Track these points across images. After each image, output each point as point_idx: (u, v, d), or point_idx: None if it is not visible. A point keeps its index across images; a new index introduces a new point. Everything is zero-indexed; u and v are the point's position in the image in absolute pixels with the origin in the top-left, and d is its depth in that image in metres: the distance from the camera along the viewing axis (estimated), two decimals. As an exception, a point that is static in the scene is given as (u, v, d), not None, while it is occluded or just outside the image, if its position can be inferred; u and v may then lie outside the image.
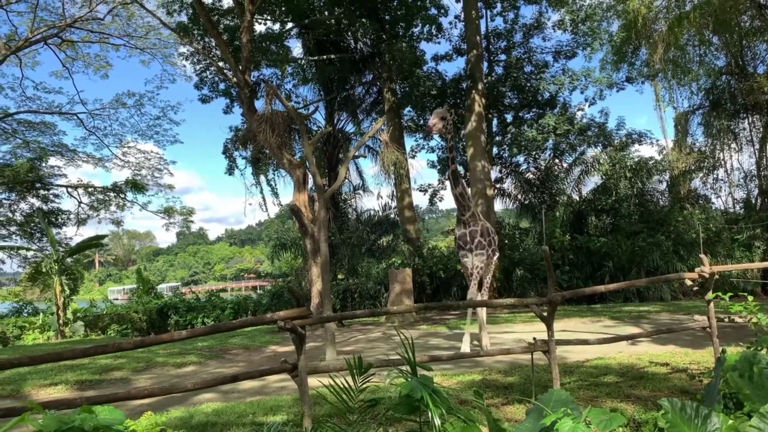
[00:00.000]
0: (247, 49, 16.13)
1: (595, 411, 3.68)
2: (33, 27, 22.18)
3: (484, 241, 10.42)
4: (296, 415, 6.31)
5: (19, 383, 9.26)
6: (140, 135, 28.04)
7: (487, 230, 10.56)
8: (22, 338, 20.37)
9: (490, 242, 10.64)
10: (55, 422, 2.55)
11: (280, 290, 21.34)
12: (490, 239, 10.62)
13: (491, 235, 10.69)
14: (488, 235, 10.57)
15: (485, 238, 10.45)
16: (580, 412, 3.66)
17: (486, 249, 10.49)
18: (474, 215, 10.50)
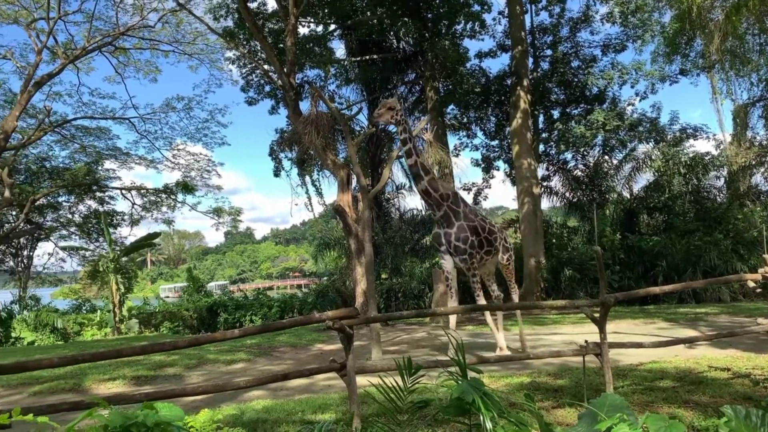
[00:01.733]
0: (292, 52, 16.35)
1: (653, 417, 3.55)
2: (89, 36, 23.08)
3: (462, 246, 9.26)
4: (344, 413, 6.34)
5: (80, 378, 9.64)
6: (189, 138, 28.83)
7: (474, 230, 9.42)
8: (81, 334, 21.28)
9: (480, 243, 9.50)
10: (121, 418, 2.64)
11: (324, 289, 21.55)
12: (477, 240, 9.43)
13: (482, 234, 9.56)
14: (474, 236, 9.38)
15: (465, 242, 9.27)
16: (636, 418, 3.54)
17: (469, 253, 9.32)
18: (447, 215, 9.38)
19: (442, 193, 9.40)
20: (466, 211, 9.62)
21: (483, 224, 9.75)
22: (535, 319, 15.25)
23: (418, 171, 9.21)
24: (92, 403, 3.58)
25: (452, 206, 9.43)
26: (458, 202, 9.54)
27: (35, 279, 32.64)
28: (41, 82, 21.66)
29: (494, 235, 9.88)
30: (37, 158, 28.57)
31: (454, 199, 9.51)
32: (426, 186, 9.26)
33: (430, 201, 9.43)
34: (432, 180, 9.39)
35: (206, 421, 3.24)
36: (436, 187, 9.36)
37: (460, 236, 9.32)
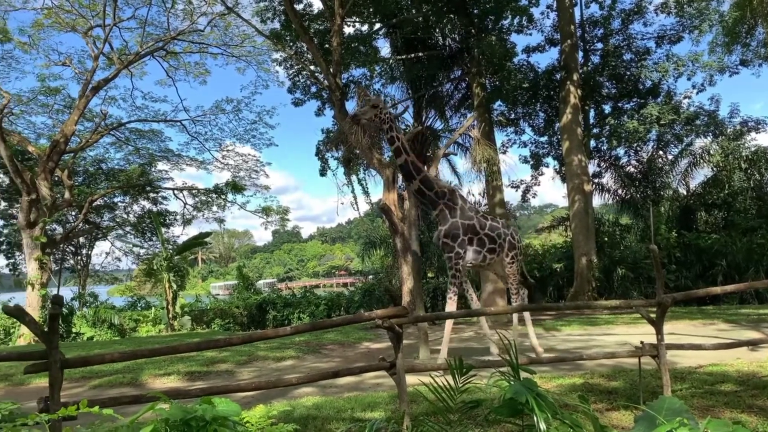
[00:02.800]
0: (338, 52, 16.45)
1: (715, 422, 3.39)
2: (142, 41, 23.87)
3: (451, 243, 9.05)
4: (393, 412, 6.34)
5: (137, 372, 9.97)
6: (238, 138, 29.44)
7: (470, 228, 9.13)
8: (137, 330, 22.03)
9: (480, 242, 9.20)
10: (181, 412, 2.70)
11: (371, 288, 21.62)
12: (476, 239, 9.14)
13: (481, 232, 9.25)
14: (468, 235, 9.09)
15: (455, 240, 9.02)
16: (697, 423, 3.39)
17: (456, 252, 9.04)
18: (443, 213, 9.15)
19: (438, 191, 9.17)
20: (465, 208, 9.33)
21: (482, 222, 9.44)
22: (587, 319, 14.90)
23: (409, 170, 8.99)
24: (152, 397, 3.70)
25: (449, 204, 9.19)
26: (455, 200, 9.29)
27: (93, 277, 34.03)
28: (98, 87, 22.53)
29: (496, 232, 9.54)
30: (94, 160, 29.78)
31: (451, 197, 9.27)
32: (418, 185, 9.05)
33: (424, 200, 9.25)
34: (425, 179, 9.12)
35: (261, 417, 3.28)
36: (430, 186, 9.12)
37: (450, 233, 9.09)
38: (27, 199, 19.95)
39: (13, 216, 29.15)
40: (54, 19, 22.85)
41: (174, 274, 22.51)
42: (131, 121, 27.24)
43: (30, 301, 19.87)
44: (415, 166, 9.03)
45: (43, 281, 20.36)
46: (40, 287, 20.04)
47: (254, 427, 3.26)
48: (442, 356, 9.64)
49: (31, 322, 3.94)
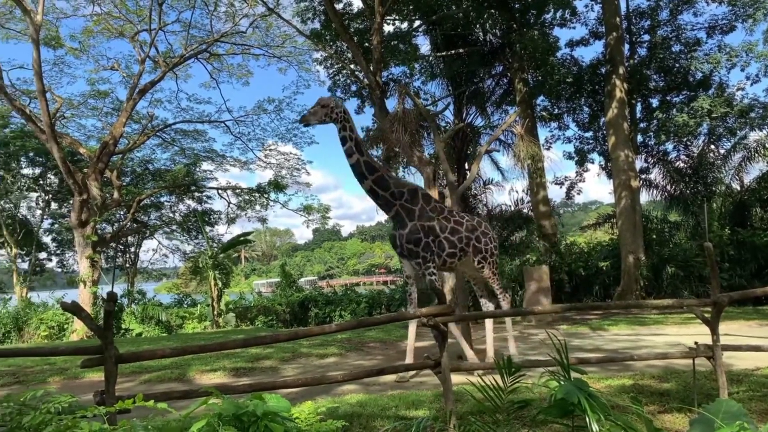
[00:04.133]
0: (378, 51, 16.46)
1: (776, 426, 3.22)
2: (186, 44, 24.44)
3: (414, 248, 8.65)
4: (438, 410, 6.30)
5: (184, 368, 10.18)
6: (280, 138, 29.84)
7: (430, 230, 8.72)
8: (183, 327, 22.57)
9: (440, 244, 8.77)
10: (233, 407, 2.73)
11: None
12: (435, 241, 8.71)
13: (442, 235, 8.82)
14: (429, 237, 8.67)
15: (417, 244, 8.62)
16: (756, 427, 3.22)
17: (422, 257, 8.63)
18: (399, 215, 8.76)
19: (394, 192, 8.76)
20: (425, 209, 8.86)
21: (443, 224, 8.95)
22: (635, 318, 14.50)
23: (361, 170, 8.65)
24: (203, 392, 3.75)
25: (406, 205, 8.76)
26: (415, 200, 8.84)
27: (141, 274, 35.04)
28: (144, 90, 23.18)
29: (458, 235, 9.02)
30: (141, 161, 30.68)
31: (409, 197, 8.82)
32: (371, 185, 8.71)
33: (378, 201, 8.90)
34: (380, 179, 8.72)
35: (310, 413, 3.30)
36: (385, 186, 8.74)
37: (411, 238, 8.67)
38: (78, 199, 20.67)
39: (65, 216, 30.30)
40: (103, 25, 23.63)
41: (219, 272, 22.98)
42: (177, 122, 27.94)
43: (82, 298, 20.59)
44: (368, 166, 8.70)
45: (94, 279, 21.08)
46: (91, 284, 20.75)
47: (303, 423, 3.27)
48: (490, 355, 9.56)
49: (87, 318, 4.06)
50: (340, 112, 8.71)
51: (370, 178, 8.67)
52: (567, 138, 25.29)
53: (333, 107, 8.69)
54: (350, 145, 8.69)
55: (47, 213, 31.32)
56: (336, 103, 8.78)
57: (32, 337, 20.67)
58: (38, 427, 2.85)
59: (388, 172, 9.09)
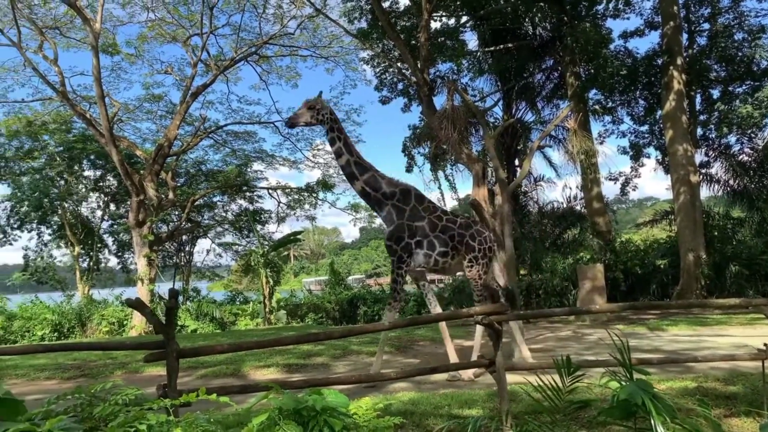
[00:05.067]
0: (425, 48, 16.38)
1: None
2: (236, 47, 24.96)
3: (394, 246, 8.54)
4: (491, 410, 6.23)
5: (238, 364, 10.39)
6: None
7: (418, 229, 8.54)
8: (236, 324, 23.09)
9: (430, 245, 8.55)
10: (293, 401, 2.75)
11: (460, 285, 21.35)
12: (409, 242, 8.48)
13: (431, 234, 8.59)
14: (415, 238, 8.50)
15: (398, 243, 8.48)
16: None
17: (398, 256, 8.47)
18: (390, 215, 8.63)
19: (385, 192, 8.70)
20: (417, 209, 8.74)
21: (434, 223, 8.73)
22: (696, 318, 13.94)
23: (351, 171, 8.63)
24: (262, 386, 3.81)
25: (397, 204, 8.69)
26: (407, 200, 8.74)
27: (196, 273, 36.02)
28: (197, 93, 23.80)
29: (449, 233, 8.75)
30: (194, 162, 31.54)
31: (401, 197, 8.75)
32: (362, 186, 8.67)
33: (370, 202, 8.86)
34: (371, 179, 8.68)
35: (368, 409, 3.29)
36: (376, 186, 8.69)
37: (394, 236, 8.56)
38: (136, 200, 21.41)
39: (123, 216, 31.46)
40: (157, 31, 24.41)
41: (270, 270, 23.40)
42: (228, 124, 28.57)
43: (139, 295, 21.28)
44: (358, 167, 8.69)
45: (151, 277, 21.80)
46: (148, 282, 21.48)
47: (360, 418, 3.26)
48: (526, 356, 9.36)
49: (150, 314, 4.17)
50: (327, 114, 8.68)
51: (361, 179, 8.66)
52: (621, 132, 24.51)
53: (319, 109, 8.63)
54: (339, 145, 8.68)
55: (107, 213, 32.61)
56: (322, 104, 8.73)
57: (94, 333, 21.54)
58: (107, 418, 2.94)
59: (379, 172, 9.00)
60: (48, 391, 8.84)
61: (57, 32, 23.07)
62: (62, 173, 29.35)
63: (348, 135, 9.03)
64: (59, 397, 3.36)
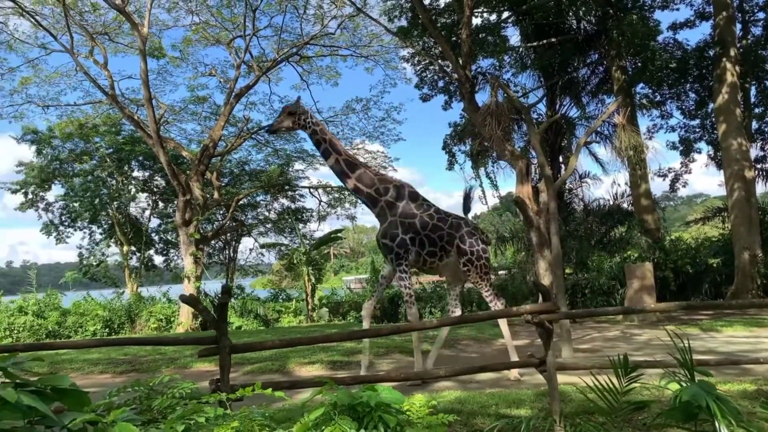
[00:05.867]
0: (467, 44, 16.20)
1: None
2: (278, 48, 25.25)
3: (390, 243, 8.45)
4: (540, 410, 6.14)
5: (284, 360, 10.51)
6: (367, 136, 30.16)
7: (410, 227, 8.44)
8: (279, 321, 23.41)
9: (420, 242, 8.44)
10: (348, 397, 2.74)
11: (504, 283, 21.09)
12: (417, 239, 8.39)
13: (422, 232, 8.48)
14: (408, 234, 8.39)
15: (393, 240, 8.41)
16: None
17: (396, 253, 8.38)
18: (383, 212, 8.58)
19: (378, 188, 8.65)
20: (410, 205, 8.65)
21: (425, 221, 8.59)
22: (752, 319, 13.40)
23: (342, 169, 8.61)
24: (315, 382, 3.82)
25: (390, 201, 8.61)
26: (400, 196, 8.68)
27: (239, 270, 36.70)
28: (240, 95, 24.20)
29: (438, 233, 8.59)
30: (238, 162, 32.10)
31: (394, 193, 8.68)
32: (354, 184, 8.63)
33: (362, 198, 8.80)
34: (363, 175, 8.66)
35: (422, 406, 3.26)
36: (369, 183, 8.64)
37: (388, 233, 8.47)
38: (182, 200, 21.93)
39: (170, 215, 32.29)
40: (201, 34, 24.91)
41: (312, 268, 23.63)
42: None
43: (186, 292, 21.83)
44: (348, 164, 8.69)
45: (197, 274, 22.28)
46: (194, 280, 21.97)
47: (414, 415, 3.23)
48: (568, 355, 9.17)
49: (204, 310, 4.24)
50: (308, 118, 8.71)
51: (353, 176, 8.63)
52: (670, 127, 23.81)
53: (300, 114, 8.66)
54: (325, 146, 8.71)
55: (155, 213, 33.56)
56: (303, 109, 8.78)
57: (142, 329, 22.16)
58: (165, 411, 2.99)
59: (371, 169, 9.07)
60: (102, 384, 9.15)
61: (106, 37, 23.80)
62: (112, 174, 30.35)
63: (333, 134, 9.16)
64: (119, 390, 3.45)
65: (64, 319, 21.06)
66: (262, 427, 2.73)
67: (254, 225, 33.91)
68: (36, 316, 20.46)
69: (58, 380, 2.42)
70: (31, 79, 24.18)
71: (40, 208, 31.01)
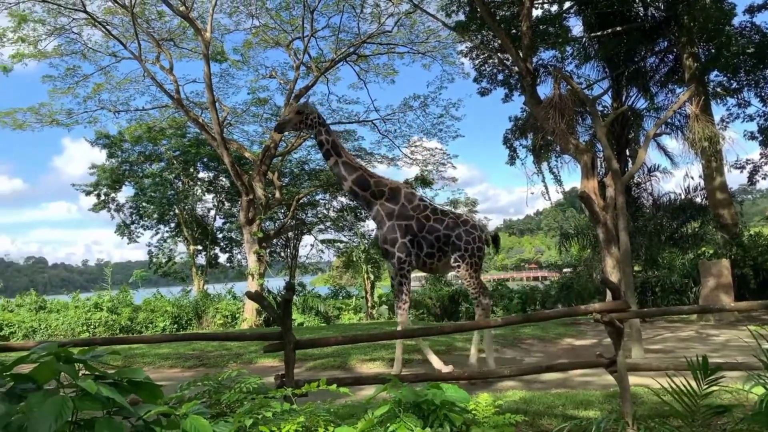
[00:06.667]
0: (527, 36, 15.84)
1: None
2: (336, 48, 25.51)
3: (390, 249, 8.48)
4: (610, 411, 5.90)
5: (345, 357, 10.58)
6: (425, 133, 30.03)
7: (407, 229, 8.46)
8: (339, 318, 23.67)
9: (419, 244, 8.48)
10: (413, 394, 2.70)
11: (569, 281, 20.51)
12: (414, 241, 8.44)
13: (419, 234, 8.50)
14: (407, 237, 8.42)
15: (393, 244, 8.42)
16: None
17: (397, 257, 8.42)
18: (380, 215, 8.60)
19: (374, 191, 8.68)
20: (406, 207, 8.65)
21: (422, 222, 8.60)
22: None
23: (340, 172, 8.71)
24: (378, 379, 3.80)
25: (385, 204, 8.63)
26: (396, 199, 8.68)
27: (300, 268, 37.37)
28: (299, 95, 24.60)
29: (436, 234, 8.59)
30: (298, 162, 32.66)
31: (390, 195, 8.70)
32: (350, 186, 8.69)
33: (359, 201, 8.91)
34: (360, 179, 8.69)
35: (488, 405, 3.17)
36: (365, 186, 8.68)
37: (387, 238, 8.51)
38: (246, 199, 22.53)
39: (234, 215, 33.26)
40: (261, 37, 25.50)
41: (371, 266, 23.76)
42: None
43: (250, 289, 22.38)
44: (347, 167, 8.76)
45: (261, 272, 22.84)
46: (258, 277, 22.51)
47: (480, 414, 3.15)
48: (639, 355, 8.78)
49: (269, 307, 4.30)
50: (315, 118, 8.86)
51: (350, 179, 8.71)
52: (748, 116, 22.32)
53: (307, 114, 8.83)
54: (327, 148, 8.83)
55: (220, 212, 34.66)
56: (310, 109, 8.94)
57: (209, 325, 22.90)
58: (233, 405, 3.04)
59: (368, 172, 9.13)
60: (172, 378, 9.47)
61: (172, 43, 24.76)
62: (179, 175, 31.57)
63: (337, 137, 9.26)
64: (190, 384, 3.54)
65: (135, 315, 22.04)
66: (326, 423, 2.73)
67: (314, 223, 34.43)
68: (110, 312, 21.50)
69: (133, 373, 2.51)
70: (103, 86, 25.48)
71: (111, 208, 32.62)
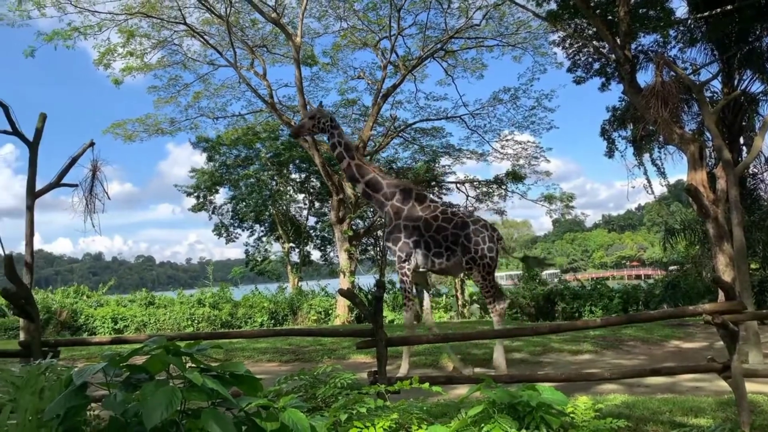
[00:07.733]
0: (625, 22, 15.05)
1: None
2: (423, 45, 25.44)
3: (393, 246, 8.75)
4: (724, 420, 5.51)
5: (436, 355, 10.55)
6: (516, 127, 29.28)
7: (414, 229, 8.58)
8: (430, 316, 23.60)
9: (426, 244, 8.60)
10: (507, 395, 2.64)
11: (675, 280, 19.23)
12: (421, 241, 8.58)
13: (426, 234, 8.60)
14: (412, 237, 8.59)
15: (395, 243, 8.66)
16: None
17: (398, 256, 8.68)
18: (389, 213, 8.80)
19: (386, 192, 8.93)
20: (416, 208, 8.83)
21: (430, 223, 8.69)
22: None
23: (353, 174, 8.98)
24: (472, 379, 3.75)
25: (396, 204, 8.84)
26: (406, 199, 8.87)
27: (390, 266, 37.72)
28: (387, 95, 24.81)
29: (443, 233, 8.64)
30: (386, 161, 32.88)
31: (401, 196, 8.90)
32: (363, 188, 8.96)
33: (372, 202, 9.16)
34: (372, 181, 8.95)
35: (587, 409, 3.03)
36: (377, 188, 8.95)
37: (390, 236, 8.78)
38: (336, 199, 23.05)
39: (325, 214, 34.12)
40: (349, 39, 25.94)
41: (462, 264, 23.53)
42: (416, 121, 29.28)
43: (342, 287, 22.85)
44: (360, 169, 9.00)
45: (351, 269, 23.27)
46: (349, 275, 22.96)
47: (579, 418, 3.01)
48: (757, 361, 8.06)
49: (360, 304, 4.35)
50: (327, 121, 9.15)
51: (362, 180, 8.97)
52: None
53: (320, 118, 9.15)
54: (340, 150, 9.04)
55: (312, 212, 35.71)
56: (323, 113, 9.30)
57: (304, 320, 23.64)
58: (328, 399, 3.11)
59: (380, 173, 9.40)
60: (269, 372, 9.87)
61: (264, 49, 25.77)
62: (273, 177, 32.82)
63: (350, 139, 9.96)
64: (287, 378, 3.66)
65: (235, 311, 23.18)
66: (420, 421, 2.72)
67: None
68: (212, 308, 22.76)
69: (234, 366, 2.64)
70: (201, 93, 27.01)
71: (209, 209, 34.54)
